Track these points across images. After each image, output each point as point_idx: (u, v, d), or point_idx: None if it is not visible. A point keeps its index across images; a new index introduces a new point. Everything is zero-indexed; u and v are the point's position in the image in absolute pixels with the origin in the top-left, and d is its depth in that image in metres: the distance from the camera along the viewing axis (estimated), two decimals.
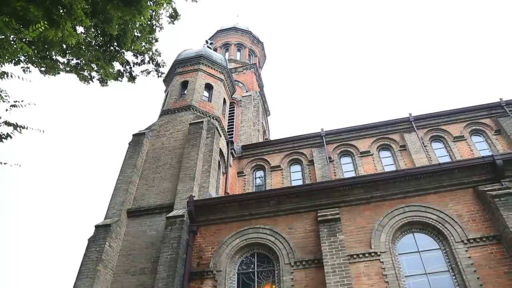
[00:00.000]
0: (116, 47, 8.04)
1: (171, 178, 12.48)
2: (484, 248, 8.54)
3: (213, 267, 9.61)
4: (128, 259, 10.59)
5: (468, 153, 15.19)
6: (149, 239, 10.89)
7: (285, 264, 9.26)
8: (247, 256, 10.06)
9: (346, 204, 9.99)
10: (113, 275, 10.29)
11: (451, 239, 8.80)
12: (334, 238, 9.01)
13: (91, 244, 10.46)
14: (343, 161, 16.57)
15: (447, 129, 16.18)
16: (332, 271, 8.42)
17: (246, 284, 9.58)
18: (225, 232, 10.27)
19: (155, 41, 8.91)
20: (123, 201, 11.74)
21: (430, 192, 9.74)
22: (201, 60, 17.28)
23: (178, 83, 16.74)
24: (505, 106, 15.95)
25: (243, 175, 16.63)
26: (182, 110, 15.23)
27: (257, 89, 23.01)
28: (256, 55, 27.83)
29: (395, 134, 16.58)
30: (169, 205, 11.43)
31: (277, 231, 9.93)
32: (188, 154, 12.79)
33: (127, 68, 9.02)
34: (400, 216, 9.46)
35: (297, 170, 16.77)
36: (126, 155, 13.40)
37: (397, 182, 9.94)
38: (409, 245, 9.24)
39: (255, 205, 10.48)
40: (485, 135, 15.76)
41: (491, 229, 8.76)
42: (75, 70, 7.96)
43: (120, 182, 12.42)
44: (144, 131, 14.36)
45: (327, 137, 16.98)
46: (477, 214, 9.11)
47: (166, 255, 9.63)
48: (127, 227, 11.38)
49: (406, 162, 15.40)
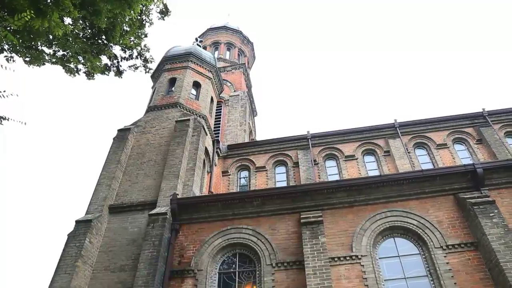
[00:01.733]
0: (104, 41, 7.94)
1: (155, 175, 12.36)
2: (462, 254, 8.71)
3: (194, 266, 9.56)
4: (108, 255, 10.45)
5: (450, 161, 15.47)
6: (131, 236, 10.77)
7: (267, 265, 9.27)
8: (229, 256, 10.04)
9: (329, 207, 10.05)
10: (92, 271, 10.14)
11: (430, 245, 8.94)
12: (316, 240, 9.06)
13: (71, 240, 10.29)
14: (328, 164, 16.68)
15: (431, 136, 16.45)
16: (313, 273, 8.47)
17: (227, 284, 9.56)
18: (208, 231, 10.22)
19: (144, 36, 8.83)
20: (105, 196, 11.58)
21: (412, 198, 9.88)
22: (190, 57, 17.18)
23: (166, 80, 16.61)
24: (487, 116, 16.31)
25: (227, 175, 16.59)
26: (169, 107, 15.11)
27: (245, 89, 22.99)
28: (245, 55, 27.80)
29: (380, 139, 16.77)
30: (152, 202, 11.32)
31: (259, 231, 9.93)
32: (173, 151, 12.70)
33: (114, 62, 8.92)
34: (382, 221, 9.57)
35: (282, 171, 16.81)
36: (110, 150, 13.23)
37: (380, 187, 10.05)
38: (390, 250, 9.35)
39: (238, 205, 10.47)
40: (467, 143, 16.07)
41: (470, 236, 8.94)
42: (61, 62, 7.82)
43: (103, 177, 12.25)
44: (129, 126, 14.20)
45: (313, 140, 17.07)
46: (456, 221, 9.28)
47: (147, 253, 9.54)
48: (108, 223, 11.23)
49: (389, 168, 15.59)
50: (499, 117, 16.39)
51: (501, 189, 9.70)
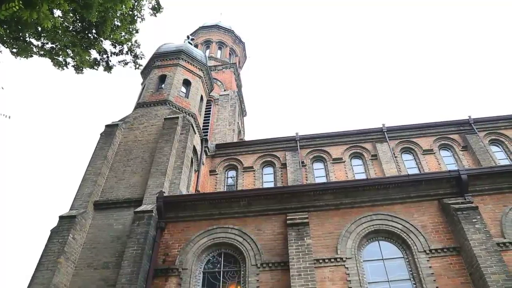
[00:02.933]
0: (94, 35, 7.84)
1: (142, 172, 12.26)
2: (444, 258, 8.83)
3: (179, 264, 9.50)
4: (92, 252, 10.31)
5: (436, 166, 15.68)
6: (115, 233, 10.65)
7: (252, 265, 9.26)
8: (214, 256, 10.01)
9: (315, 209, 10.09)
10: (75, 268, 9.99)
11: (414, 249, 9.05)
12: (302, 242, 9.09)
13: (54, 235, 10.13)
14: (316, 167, 16.75)
15: (418, 141, 16.65)
16: (298, 275, 8.49)
17: (211, 284, 9.52)
18: (194, 230, 10.18)
19: (136, 32, 8.75)
20: (90, 192, 11.43)
21: (397, 202, 9.98)
22: (181, 55, 17.09)
23: (156, 77, 16.49)
24: (473, 123, 16.58)
25: (215, 174, 16.55)
26: (158, 104, 15.00)
27: (235, 88, 22.96)
28: (236, 54, 27.77)
29: (367, 143, 16.90)
30: (138, 199, 11.22)
31: (245, 232, 9.93)
32: (161, 149, 12.61)
33: (104, 57, 8.81)
34: (367, 224, 9.64)
35: (269, 172, 16.83)
36: (97, 146, 13.07)
37: (366, 190, 10.13)
38: (374, 253, 9.43)
39: (225, 205, 10.44)
40: (453, 150, 16.31)
41: (452, 240, 9.08)
42: (49, 55, 7.70)
43: (88, 173, 12.09)
44: (117, 122, 14.05)
45: (301, 142, 17.13)
46: (440, 226, 9.41)
47: (132, 250, 9.45)
48: (93, 220, 11.09)
49: (376, 171, 15.73)
50: (484, 125, 16.67)
51: (484, 195, 9.86)
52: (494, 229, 9.13)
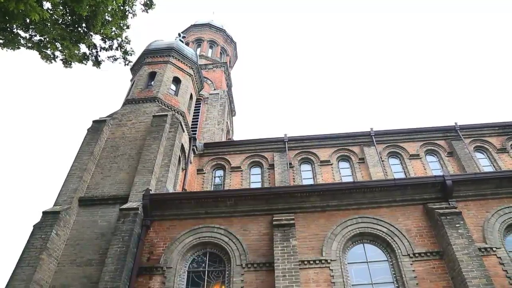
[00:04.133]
0: (84, 29, 7.74)
1: (128, 169, 12.14)
2: (427, 262, 8.94)
3: (164, 263, 9.44)
4: (75, 249, 10.17)
5: (421, 171, 15.87)
6: (100, 230, 10.53)
7: (237, 266, 9.25)
8: (199, 255, 9.96)
9: (302, 211, 10.12)
10: (58, 264, 9.84)
11: (398, 252, 9.14)
12: (287, 243, 9.10)
13: (37, 231, 9.95)
14: (303, 168, 16.82)
15: (405, 146, 16.84)
16: (282, 275, 8.51)
17: (196, 283, 9.48)
18: (179, 229, 10.12)
19: (126, 27, 8.67)
20: (75, 188, 11.28)
21: (383, 206, 10.07)
22: (172, 52, 16.98)
23: (145, 73, 16.36)
24: (459, 130, 16.84)
25: (202, 173, 16.49)
26: (147, 101, 14.88)
27: (225, 88, 22.92)
28: (228, 54, 27.72)
29: (355, 146, 17.03)
30: (124, 196, 11.11)
31: (231, 231, 9.91)
32: (148, 146, 12.51)
33: (93, 52, 8.71)
34: (353, 227, 9.71)
35: (257, 172, 16.83)
36: (84, 141, 12.90)
37: (353, 193, 10.20)
38: (359, 255, 9.50)
39: (211, 204, 10.41)
40: (439, 155, 16.54)
41: (436, 245, 9.20)
42: (37, 47, 7.58)
43: (74, 168, 11.93)
44: (105, 118, 13.89)
45: (290, 143, 17.17)
46: (424, 230, 9.53)
47: (116, 248, 9.36)
48: (77, 216, 10.94)
49: (363, 175, 15.85)
50: (470, 131, 16.95)
51: (468, 201, 10.02)
52: (476, 234, 9.28)
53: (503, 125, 17.05)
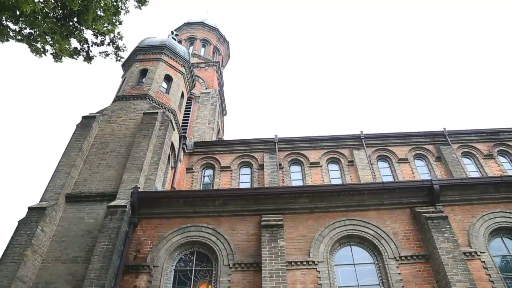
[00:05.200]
0: (75, 23, 7.65)
1: (117, 166, 12.03)
2: (413, 265, 9.02)
3: (150, 261, 9.37)
4: (61, 246, 10.04)
5: (410, 175, 16.02)
6: (86, 227, 10.41)
7: (224, 265, 9.22)
8: (187, 254, 9.91)
9: (290, 212, 10.14)
10: (42, 261, 9.70)
11: (385, 255, 9.21)
12: (275, 243, 9.11)
13: (22, 227, 9.79)
14: (293, 169, 16.85)
15: (394, 150, 16.98)
16: (269, 276, 8.51)
17: (182, 282, 9.43)
18: (167, 227, 10.06)
19: (119, 23, 8.58)
20: (63, 184, 11.14)
21: (371, 208, 10.14)
22: (164, 50, 16.89)
23: (137, 70, 16.24)
24: (447, 135, 17.04)
25: (192, 172, 16.42)
26: (138, 98, 14.77)
27: (217, 87, 22.86)
28: (220, 53, 27.67)
29: (345, 149, 17.11)
30: (112, 193, 11.00)
31: (219, 231, 9.88)
32: (138, 143, 12.42)
33: (84, 47, 8.60)
34: (341, 229, 9.75)
35: (246, 173, 16.82)
36: (73, 137, 12.75)
37: (341, 196, 10.25)
38: (346, 257, 9.55)
39: (200, 203, 10.37)
40: (427, 160, 16.71)
41: (422, 248, 9.29)
42: (27, 40, 7.47)
43: (62, 164, 11.78)
44: (95, 114, 13.76)
45: (280, 144, 17.20)
46: (411, 234, 9.62)
47: (103, 245, 9.26)
48: (63, 212, 10.80)
49: (352, 177, 15.94)
50: (458, 137, 17.17)
51: (454, 205, 10.14)
52: (461, 239, 9.40)
53: (491, 132, 17.31)
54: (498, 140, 17.18)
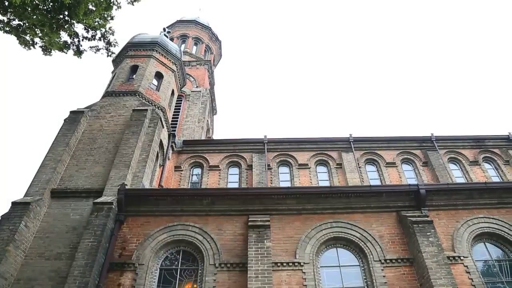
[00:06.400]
0: (66, 17, 7.54)
1: (105, 162, 11.91)
2: (398, 269, 9.11)
3: (136, 259, 9.29)
4: (45, 242, 9.89)
5: (397, 179, 16.17)
6: (71, 223, 10.27)
7: (210, 265, 9.19)
8: (172, 253, 9.85)
9: (277, 213, 10.15)
10: (25, 257, 9.53)
11: (370, 258, 9.28)
12: (262, 244, 9.11)
13: (4, 222, 9.61)
14: (281, 171, 16.87)
15: (382, 154, 17.12)
16: (255, 277, 8.50)
17: (167, 281, 9.36)
18: (153, 226, 9.98)
19: (111, 18, 8.50)
20: (48, 179, 10.98)
21: (358, 211, 10.20)
22: (156, 47, 16.78)
23: (127, 66, 16.10)
24: (435, 141, 17.26)
25: (180, 170, 16.35)
26: (128, 94, 14.64)
27: (208, 86, 22.80)
28: (212, 52, 27.61)
29: (333, 151, 17.21)
30: (99, 190, 10.89)
31: (206, 230, 9.84)
32: (126, 140, 12.31)
33: (75, 41, 8.49)
34: (327, 231, 9.80)
35: (235, 172, 16.80)
36: (60, 132, 12.58)
37: (329, 198, 10.29)
38: (332, 259, 9.59)
39: (188, 202, 10.32)
40: (414, 165, 16.89)
41: (407, 252, 9.38)
42: (16, 32, 7.34)
43: (48, 159, 11.61)
44: (83, 109, 13.59)
45: (269, 145, 17.22)
46: (396, 237, 9.70)
47: (87, 242, 9.15)
48: (48, 208, 10.64)
49: (340, 180, 16.03)
50: (445, 143, 17.40)
51: (440, 210, 10.26)
52: (446, 243, 9.52)
53: (477, 139, 17.59)
54: (484, 147, 17.46)
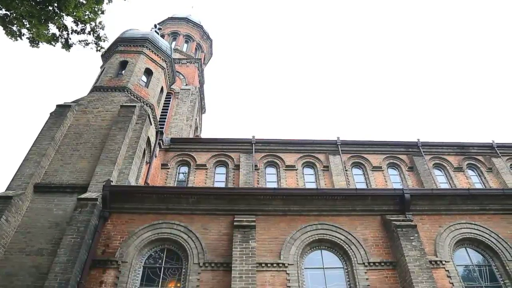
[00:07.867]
0: (55, 9, 7.42)
1: (90, 158, 11.76)
2: (381, 272, 9.20)
3: (119, 257, 9.19)
4: (26, 237, 9.71)
5: (382, 183, 16.33)
6: (54, 218, 10.11)
7: (194, 264, 9.14)
8: (157, 251, 9.77)
9: (263, 213, 10.15)
10: (5, 252, 9.35)
11: (354, 260, 9.35)
12: (247, 244, 9.10)
13: None
14: (268, 171, 16.90)
15: (368, 158, 17.28)
16: (239, 277, 8.49)
17: (151, 279, 9.29)
18: (138, 223, 9.89)
19: (101, 12, 8.38)
20: (32, 173, 10.80)
21: (343, 214, 10.27)
22: (146, 43, 16.65)
23: (117, 62, 15.94)
24: (420, 146, 17.50)
25: (167, 168, 16.25)
26: (116, 90, 14.50)
27: (197, 84, 22.72)
28: (203, 50, 27.52)
29: (321, 154, 17.29)
30: (83, 186, 10.74)
31: (191, 229, 9.79)
32: (113, 136, 12.18)
33: (63, 34, 8.34)
34: (312, 232, 9.84)
35: (222, 172, 16.76)
36: (45, 125, 12.39)
37: (314, 200, 10.34)
38: (316, 261, 9.64)
39: (173, 200, 10.26)
40: (400, 169, 17.09)
41: (390, 255, 9.48)
42: (2, 22, 7.19)
43: (32, 153, 11.42)
44: (70, 103, 13.41)
45: (257, 145, 17.23)
46: (380, 240, 9.80)
47: (70, 238, 9.02)
48: (31, 203, 10.46)
49: (326, 182, 16.11)
50: (430, 149, 17.64)
51: (423, 215, 10.40)
52: (428, 247, 9.65)
53: (462, 145, 17.87)
54: (468, 154, 17.75)
